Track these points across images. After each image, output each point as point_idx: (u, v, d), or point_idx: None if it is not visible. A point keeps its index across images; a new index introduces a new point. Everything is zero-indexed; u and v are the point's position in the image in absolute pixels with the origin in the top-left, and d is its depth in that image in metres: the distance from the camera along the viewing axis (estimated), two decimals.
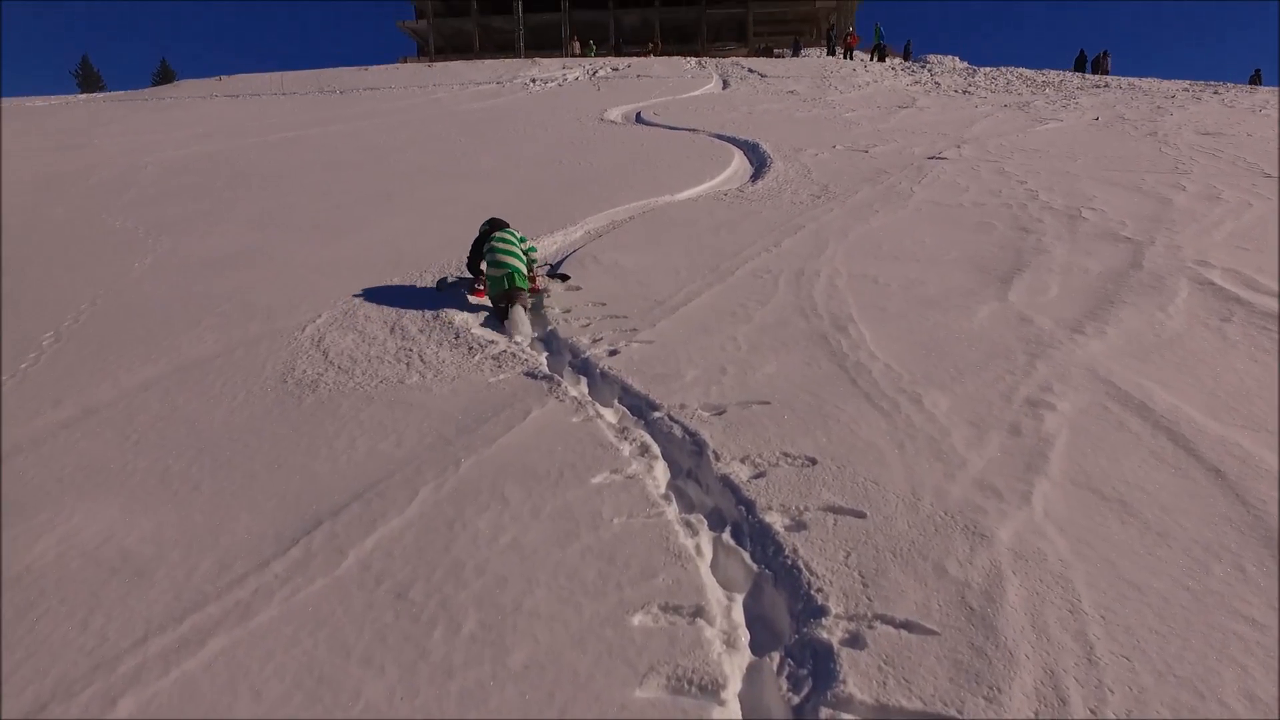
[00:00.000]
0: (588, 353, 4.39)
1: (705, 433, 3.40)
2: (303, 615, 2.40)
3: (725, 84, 21.42)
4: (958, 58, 27.34)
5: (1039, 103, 16.30)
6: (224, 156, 12.02)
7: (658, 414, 3.64)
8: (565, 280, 5.64)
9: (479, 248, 5.39)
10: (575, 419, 3.61)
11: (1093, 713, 1.94)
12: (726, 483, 3.03)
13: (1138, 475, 2.98)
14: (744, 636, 2.32)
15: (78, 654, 2.30)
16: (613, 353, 4.36)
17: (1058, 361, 4.00)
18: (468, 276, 5.65)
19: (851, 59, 28.49)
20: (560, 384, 3.97)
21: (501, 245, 5.15)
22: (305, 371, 4.27)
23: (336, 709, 2.06)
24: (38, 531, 2.92)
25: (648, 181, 9.11)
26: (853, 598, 2.36)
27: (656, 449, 3.38)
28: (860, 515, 2.77)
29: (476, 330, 4.80)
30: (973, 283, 5.35)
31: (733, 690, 2.11)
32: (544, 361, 4.42)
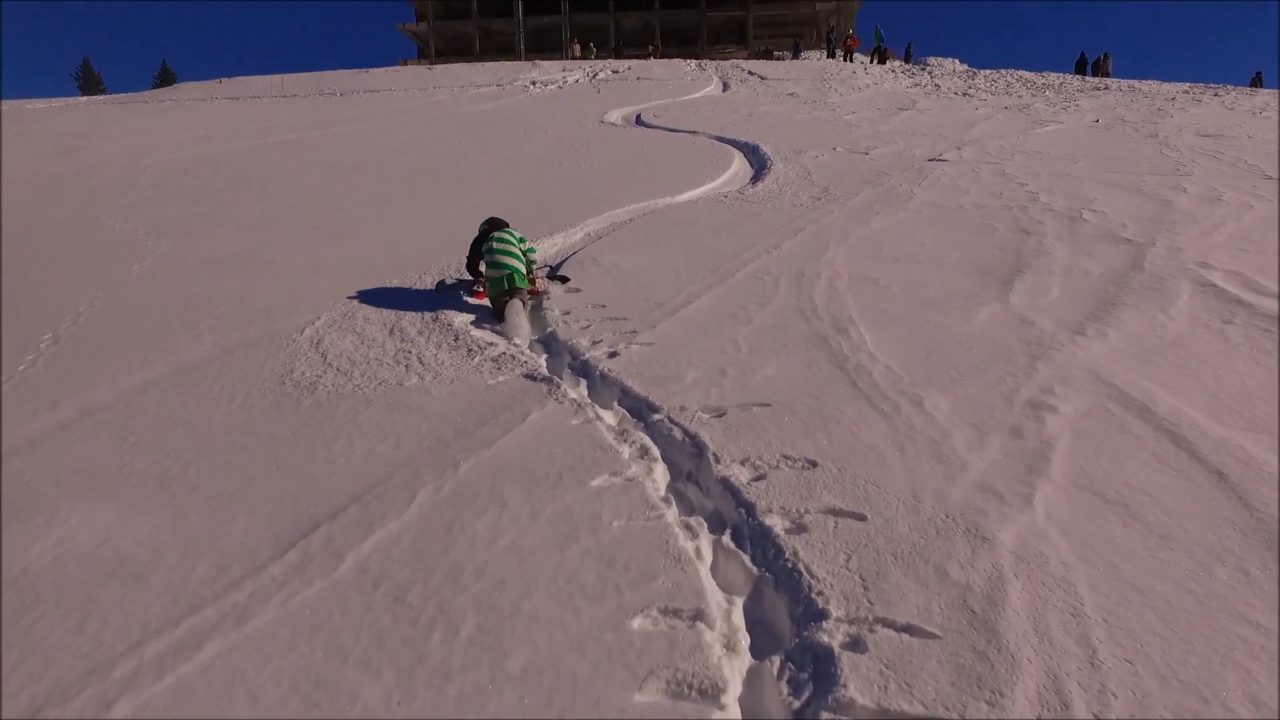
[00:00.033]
0: (587, 355, 4.38)
1: (705, 435, 3.38)
2: (300, 619, 2.38)
3: (725, 86, 21.44)
4: (958, 60, 27.39)
5: (1039, 105, 16.30)
6: (224, 159, 12.02)
7: (657, 416, 3.63)
8: (565, 282, 5.63)
9: (477, 248, 5.38)
10: (575, 421, 3.59)
11: (1096, 717, 1.92)
12: (726, 485, 3.02)
13: (1140, 478, 2.97)
14: (744, 640, 2.31)
15: (73, 658, 2.28)
16: (612, 355, 4.34)
17: (1059, 363, 3.99)
18: (467, 278, 5.64)
19: (851, 61, 28.51)
20: (560, 386, 3.95)
21: (500, 246, 5.14)
22: (304, 374, 4.26)
23: (333, 713, 2.04)
24: (34, 534, 2.91)
25: (648, 183, 9.10)
26: (854, 601, 2.35)
27: (656, 451, 3.36)
28: (861, 518, 2.75)
29: (475, 332, 4.78)
30: (973, 285, 5.34)
31: (733, 694, 2.10)
32: (543, 363, 4.41)
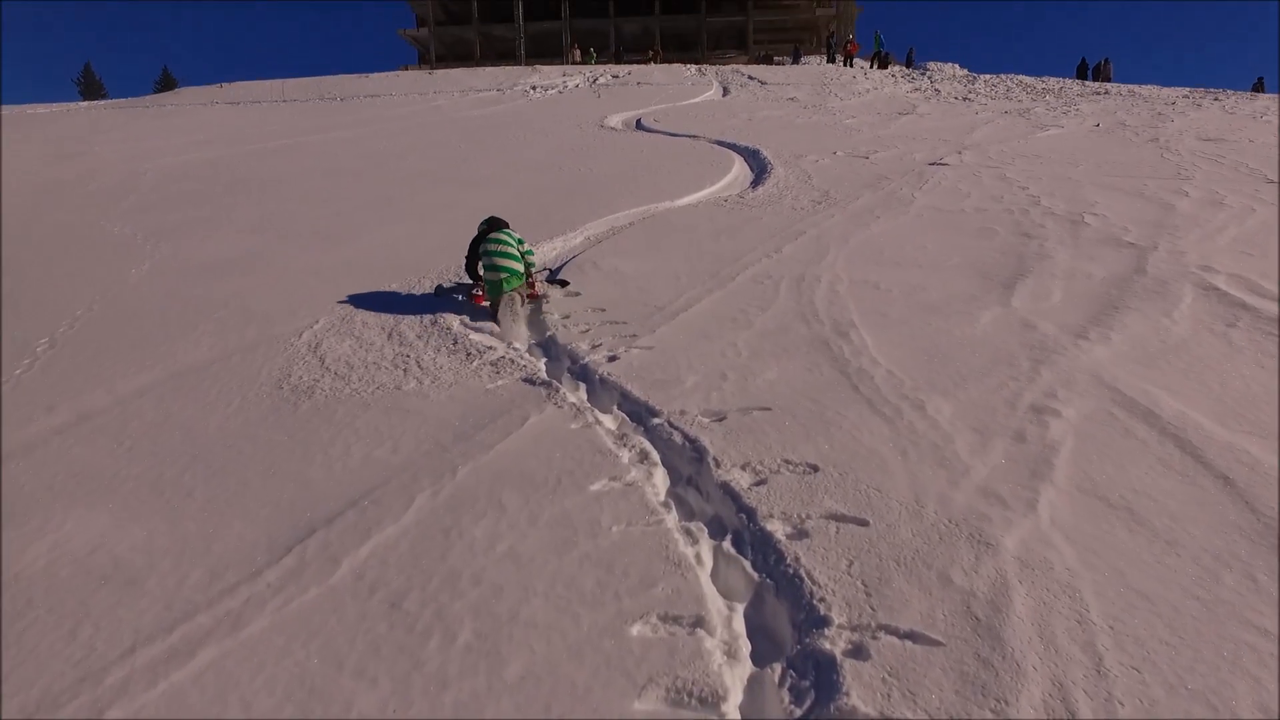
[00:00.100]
0: (587, 359, 4.36)
1: (705, 439, 3.36)
2: (295, 625, 2.36)
3: (725, 91, 21.44)
4: (958, 65, 27.37)
5: (1039, 109, 16.30)
6: (224, 163, 12.01)
7: (657, 420, 3.60)
8: (564, 286, 5.61)
9: (476, 249, 5.35)
10: (574, 425, 3.57)
11: None
12: (727, 490, 2.99)
13: (1145, 483, 2.94)
14: (745, 647, 2.28)
15: (64, 665, 2.26)
16: (612, 359, 4.32)
17: (1062, 367, 3.96)
18: (466, 282, 5.61)
19: (851, 66, 28.53)
20: (559, 390, 3.93)
21: (498, 248, 5.11)
22: (301, 378, 4.23)
23: None
24: (28, 539, 2.88)
25: (648, 187, 9.09)
26: (856, 607, 2.32)
27: (656, 456, 3.34)
28: (863, 523, 2.72)
29: (474, 336, 4.76)
30: (975, 288, 5.32)
31: (734, 702, 2.08)
32: (542, 367, 4.39)
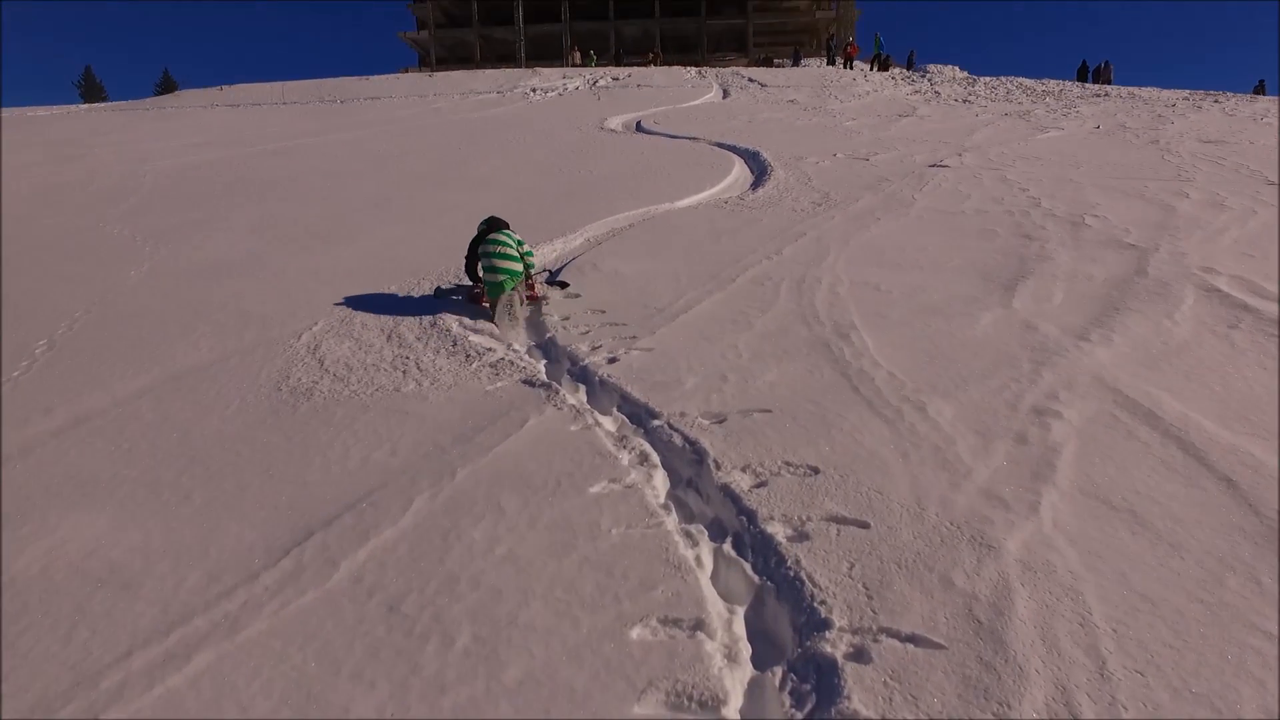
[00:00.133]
0: (586, 360, 4.34)
1: (705, 441, 3.34)
2: (292, 628, 2.34)
3: (725, 93, 21.45)
4: (958, 67, 27.37)
5: (1040, 111, 16.30)
6: (223, 165, 12.01)
7: (657, 422, 3.59)
8: (564, 288, 5.60)
9: (475, 249, 5.34)
10: (573, 427, 3.55)
11: None
12: (727, 492, 2.98)
13: (1148, 485, 2.92)
14: (745, 650, 2.27)
15: (60, 669, 2.24)
16: (612, 360, 4.30)
17: (1064, 369, 3.95)
18: (466, 283, 5.60)
19: (851, 69, 28.56)
20: (558, 392, 3.91)
21: (498, 249, 5.10)
22: (300, 380, 4.22)
23: None
24: (24, 542, 2.86)
25: (648, 189, 9.08)
26: (857, 610, 2.30)
27: (656, 458, 3.32)
28: (864, 526, 2.71)
29: (474, 338, 4.74)
30: (976, 290, 5.30)
31: (734, 706, 2.06)
32: (542, 369, 4.37)
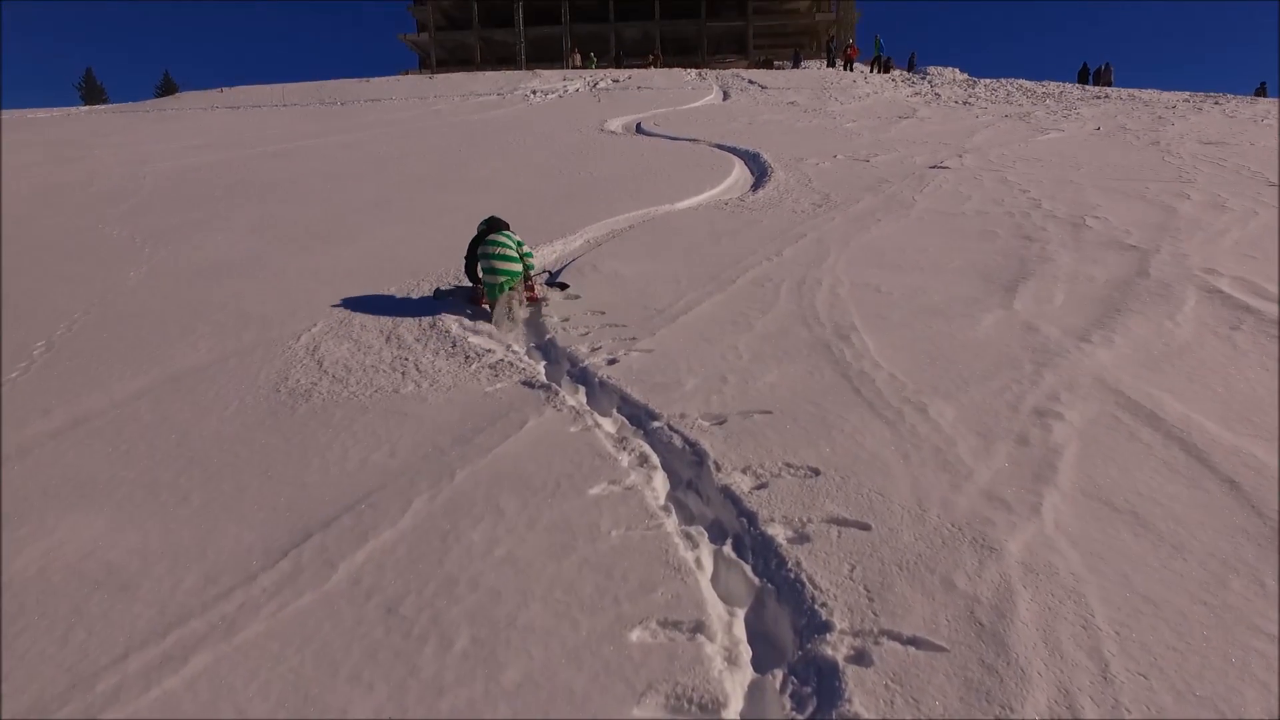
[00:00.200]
0: (586, 361, 4.33)
1: (706, 443, 3.33)
2: (290, 630, 2.33)
3: (725, 95, 21.46)
4: (958, 69, 27.38)
5: (1040, 113, 16.31)
6: (224, 167, 12.00)
7: (657, 423, 3.57)
8: (564, 289, 5.59)
9: (475, 250, 5.32)
10: (573, 429, 3.54)
11: None
12: (727, 494, 2.96)
13: (1150, 486, 2.91)
14: (746, 653, 2.25)
15: (56, 670, 2.23)
16: (611, 361, 4.29)
17: (1065, 371, 3.93)
18: (465, 284, 5.59)
19: (851, 71, 28.59)
20: (558, 393, 3.90)
21: (497, 250, 5.08)
22: (299, 381, 4.20)
23: None
24: (21, 544, 2.85)
25: (648, 191, 9.08)
26: (858, 613, 2.29)
27: (656, 459, 3.31)
28: (865, 527, 2.69)
29: (473, 339, 4.73)
30: (977, 291, 5.29)
31: (734, 709, 2.05)
32: (542, 370, 4.36)
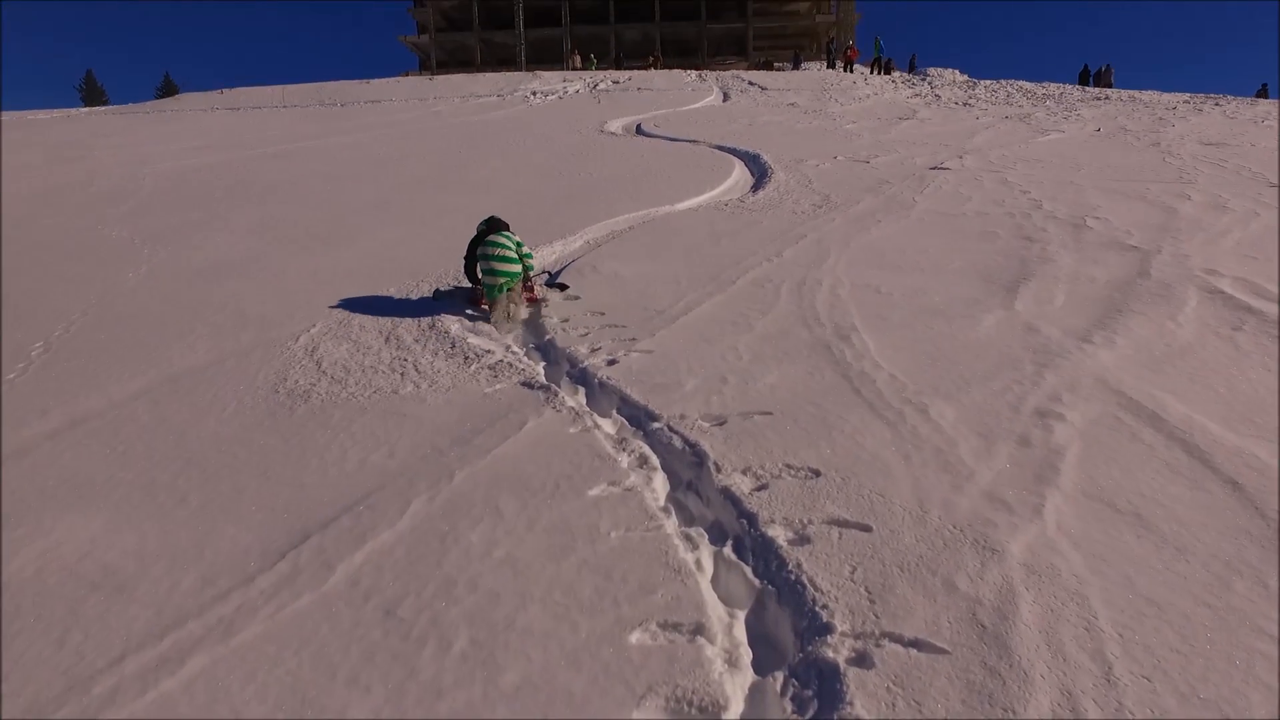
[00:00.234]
0: (586, 362, 4.32)
1: (706, 444, 3.32)
2: (287, 633, 2.31)
3: (726, 96, 21.48)
4: (958, 71, 27.41)
5: (1040, 114, 16.31)
6: (223, 168, 12.00)
7: (657, 424, 3.56)
8: (564, 290, 5.58)
9: (474, 250, 5.31)
10: (572, 430, 3.52)
11: None
12: (728, 495, 2.95)
13: (1153, 487, 2.89)
14: (746, 655, 2.24)
15: (52, 673, 2.21)
16: (611, 362, 4.28)
17: (1066, 371, 3.92)
18: (465, 285, 5.57)
19: (851, 72, 28.62)
20: (557, 394, 3.89)
21: (497, 252, 5.07)
22: (297, 381, 4.19)
23: None
24: (17, 545, 2.83)
25: (648, 192, 9.06)
26: (859, 615, 2.27)
27: (655, 460, 3.29)
28: (866, 529, 2.68)
29: (473, 340, 4.72)
30: (977, 292, 5.28)
31: (734, 711, 2.04)
32: (541, 371, 4.35)
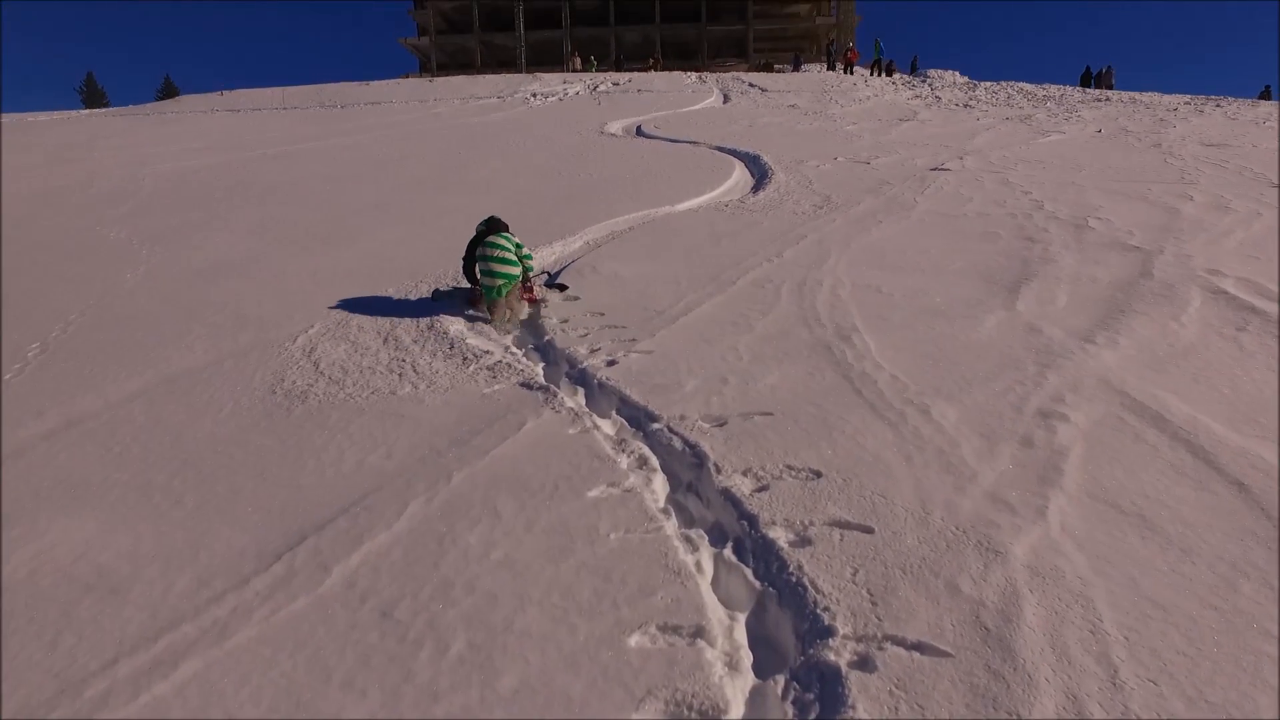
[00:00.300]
0: (585, 363, 4.30)
1: (706, 444, 3.29)
2: (282, 635, 2.28)
3: (726, 98, 21.48)
4: (958, 72, 27.41)
5: (1041, 116, 16.30)
6: (223, 169, 11.99)
7: (657, 425, 3.53)
8: (563, 290, 5.56)
9: (473, 251, 5.28)
10: (571, 430, 3.50)
11: None
12: (728, 496, 2.92)
13: (1157, 488, 2.87)
14: (747, 658, 2.21)
15: (44, 676, 2.18)
16: (611, 363, 4.25)
17: (1069, 372, 3.89)
18: (464, 286, 5.55)
19: (852, 74, 28.63)
20: (556, 395, 3.86)
21: (496, 253, 5.04)
22: (295, 382, 4.17)
23: None
24: (11, 547, 2.81)
25: (648, 192, 9.05)
26: (861, 617, 2.25)
27: (655, 461, 3.27)
28: (868, 530, 2.65)
29: (471, 340, 4.70)
30: (979, 292, 5.26)
31: (735, 715, 2.01)
32: (540, 372, 4.32)
